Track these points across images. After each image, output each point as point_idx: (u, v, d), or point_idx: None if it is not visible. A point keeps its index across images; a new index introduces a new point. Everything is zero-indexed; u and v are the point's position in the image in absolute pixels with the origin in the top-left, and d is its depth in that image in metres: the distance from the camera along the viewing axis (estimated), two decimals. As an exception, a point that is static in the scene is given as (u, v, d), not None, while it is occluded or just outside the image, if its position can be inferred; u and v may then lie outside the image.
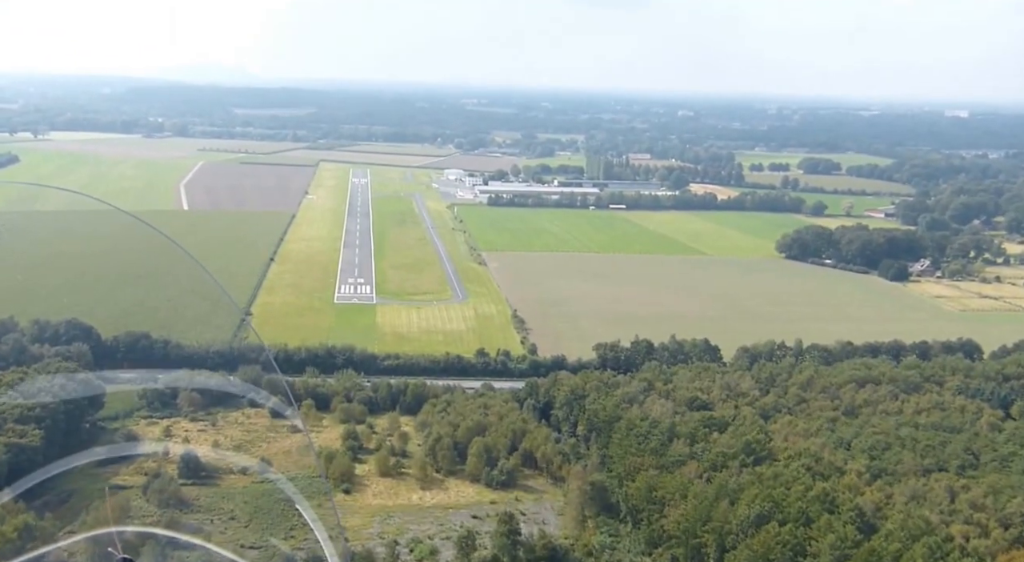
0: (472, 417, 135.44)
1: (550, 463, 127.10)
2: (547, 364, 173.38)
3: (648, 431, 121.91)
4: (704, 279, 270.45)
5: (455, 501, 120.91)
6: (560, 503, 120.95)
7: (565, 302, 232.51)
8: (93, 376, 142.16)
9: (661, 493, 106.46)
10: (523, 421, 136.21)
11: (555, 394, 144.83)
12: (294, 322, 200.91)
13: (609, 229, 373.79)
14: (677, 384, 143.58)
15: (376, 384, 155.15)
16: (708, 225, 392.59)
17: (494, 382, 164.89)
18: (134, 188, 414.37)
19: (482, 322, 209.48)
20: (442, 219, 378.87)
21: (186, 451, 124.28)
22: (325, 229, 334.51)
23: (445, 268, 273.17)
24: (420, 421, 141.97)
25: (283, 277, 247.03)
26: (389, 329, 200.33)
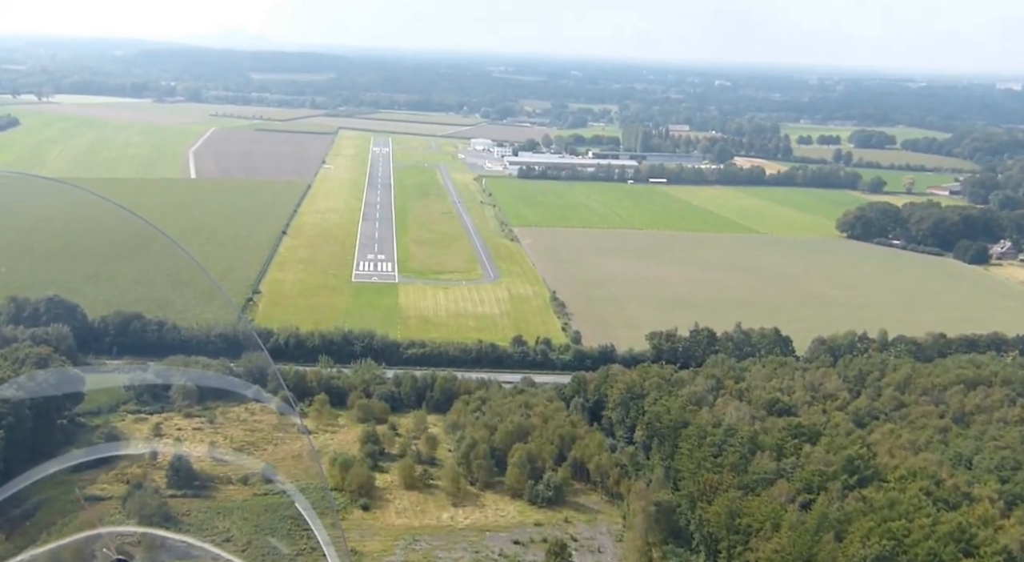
0: (512, 418, 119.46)
1: (605, 476, 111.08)
2: (594, 355, 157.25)
3: (724, 441, 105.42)
4: (760, 260, 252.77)
5: (493, 522, 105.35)
6: (618, 526, 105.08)
7: (609, 283, 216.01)
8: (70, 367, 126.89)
9: (747, 521, 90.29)
10: (572, 424, 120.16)
11: (607, 392, 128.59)
12: (307, 302, 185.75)
13: (650, 204, 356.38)
14: (751, 383, 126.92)
15: (399, 377, 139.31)
16: (757, 201, 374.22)
17: (534, 375, 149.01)
18: (140, 155, 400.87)
19: (517, 305, 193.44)
20: (469, 192, 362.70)
21: (177, 455, 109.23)
22: (343, 201, 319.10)
23: (474, 244, 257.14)
24: (450, 422, 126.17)
25: (296, 252, 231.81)
26: (413, 312, 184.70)
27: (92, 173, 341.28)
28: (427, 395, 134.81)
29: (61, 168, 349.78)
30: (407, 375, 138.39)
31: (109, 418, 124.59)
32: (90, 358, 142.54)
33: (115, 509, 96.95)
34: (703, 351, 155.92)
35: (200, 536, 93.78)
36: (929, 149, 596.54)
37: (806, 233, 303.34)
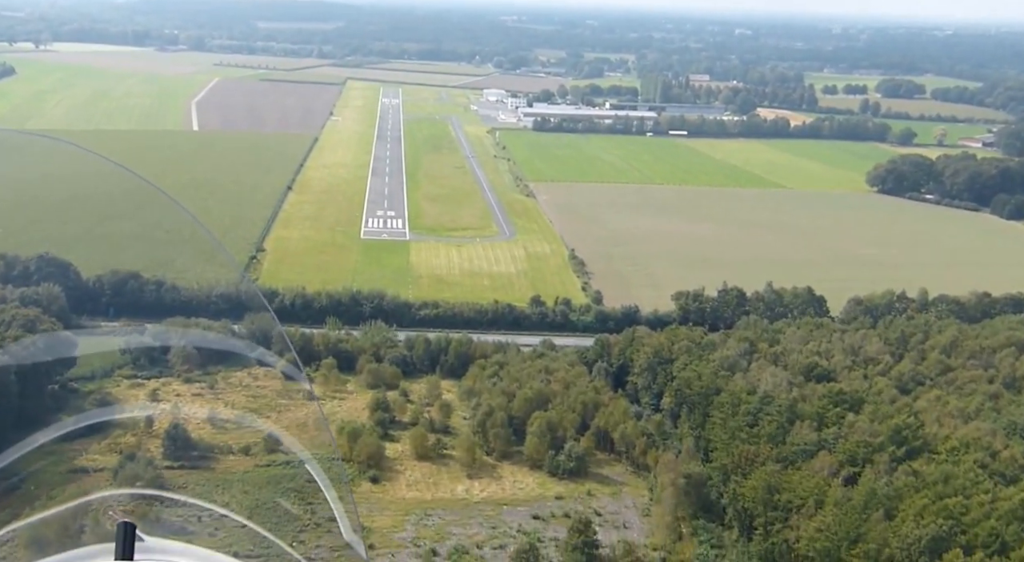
0: (531, 385, 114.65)
1: (631, 446, 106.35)
2: (616, 317, 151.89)
3: (759, 409, 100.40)
4: (788, 216, 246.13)
5: (511, 495, 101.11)
6: (645, 500, 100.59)
7: (630, 241, 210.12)
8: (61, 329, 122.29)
9: (786, 497, 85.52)
10: (595, 391, 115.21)
11: (632, 356, 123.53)
12: (314, 261, 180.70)
13: (671, 158, 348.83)
14: (786, 346, 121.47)
15: (411, 339, 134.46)
16: (782, 155, 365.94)
17: (554, 338, 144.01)
18: (140, 105, 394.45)
19: (535, 264, 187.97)
20: (482, 145, 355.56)
21: (174, 423, 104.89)
22: (351, 154, 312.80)
23: (488, 200, 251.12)
24: (465, 388, 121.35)
25: (302, 208, 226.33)
26: (425, 271, 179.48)
27: (92, 125, 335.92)
28: (441, 359, 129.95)
29: (59, 119, 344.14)
30: (419, 338, 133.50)
31: (103, 384, 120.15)
32: (84, 320, 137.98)
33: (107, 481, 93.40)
34: (732, 312, 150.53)
35: (211, 501, 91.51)
36: (960, 99, 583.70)
37: (835, 188, 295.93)
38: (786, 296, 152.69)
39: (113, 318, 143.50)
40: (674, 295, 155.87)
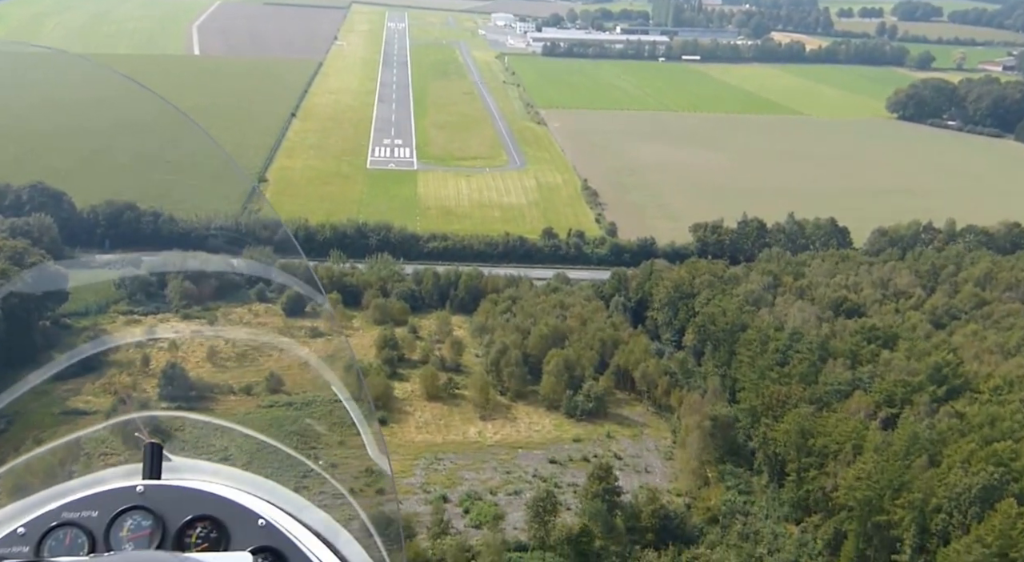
0: (546, 321, 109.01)
1: (652, 386, 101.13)
2: (632, 249, 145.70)
3: (789, 346, 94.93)
4: (807, 145, 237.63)
5: (526, 437, 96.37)
6: (667, 443, 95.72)
7: (644, 171, 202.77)
8: (51, 262, 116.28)
9: (822, 441, 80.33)
10: (613, 327, 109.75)
11: (652, 290, 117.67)
12: (317, 191, 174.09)
13: (684, 84, 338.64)
14: (812, 279, 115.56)
15: (419, 273, 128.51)
16: (798, 80, 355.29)
17: (567, 271, 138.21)
18: (140, 30, 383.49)
19: (546, 194, 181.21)
20: (491, 71, 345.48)
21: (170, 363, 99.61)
22: (356, 80, 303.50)
23: (498, 128, 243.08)
24: (477, 324, 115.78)
25: (306, 136, 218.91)
26: (433, 202, 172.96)
27: (90, 49, 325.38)
28: (451, 294, 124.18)
29: (58, 42, 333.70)
30: (428, 272, 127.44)
31: (97, 319, 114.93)
32: (77, 252, 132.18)
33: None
34: (752, 244, 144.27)
35: (242, 422, 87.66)
36: (979, 21, 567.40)
37: (853, 114, 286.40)
38: (808, 227, 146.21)
39: (108, 251, 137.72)
40: (692, 227, 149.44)
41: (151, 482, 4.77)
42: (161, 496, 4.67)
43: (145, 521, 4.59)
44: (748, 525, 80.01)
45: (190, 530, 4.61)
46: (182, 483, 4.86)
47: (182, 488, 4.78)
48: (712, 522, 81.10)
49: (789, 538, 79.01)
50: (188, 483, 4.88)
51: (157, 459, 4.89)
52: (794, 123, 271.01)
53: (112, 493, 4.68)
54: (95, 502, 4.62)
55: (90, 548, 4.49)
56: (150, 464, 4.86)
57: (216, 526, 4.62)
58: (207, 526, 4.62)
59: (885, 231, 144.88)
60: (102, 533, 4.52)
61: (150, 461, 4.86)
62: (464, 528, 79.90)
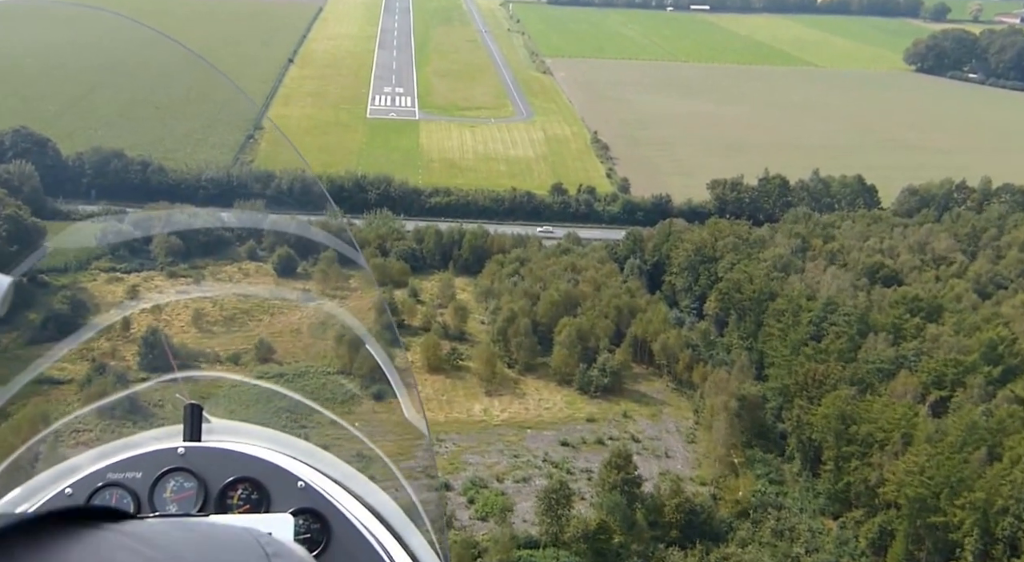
0: (557, 285, 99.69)
1: (673, 359, 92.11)
2: (646, 207, 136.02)
3: (823, 318, 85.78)
4: (823, 97, 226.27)
5: (535, 415, 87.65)
6: (689, 423, 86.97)
7: (655, 123, 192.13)
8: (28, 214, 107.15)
9: (865, 429, 71.37)
10: (629, 293, 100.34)
11: (670, 253, 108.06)
12: (315, 141, 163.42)
13: (694, 34, 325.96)
14: (843, 242, 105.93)
15: (420, 231, 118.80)
16: (810, 31, 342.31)
17: (577, 229, 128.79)
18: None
19: (554, 147, 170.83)
20: (495, 18, 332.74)
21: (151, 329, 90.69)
22: (356, 26, 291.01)
23: (502, 76, 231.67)
24: (483, 288, 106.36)
25: (303, 84, 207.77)
26: (436, 154, 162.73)
27: None
28: (454, 253, 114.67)
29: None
30: (430, 229, 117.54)
31: (77, 277, 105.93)
32: (60, 203, 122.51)
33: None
34: (774, 203, 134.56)
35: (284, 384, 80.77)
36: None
37: (869, 66, 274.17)
38: (834, 185, 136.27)
39: (93, 202, 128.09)
40: (710, 184, 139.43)
41: (192, 444, 4.73)
42: (202, 458, 4.66)
43: (188, 483, 4.59)
44: (782, 520, 71.49)
45: (231, 492, 4.59)
46: (222, 445, 4.82)
47: (222, 450, 4.74)
48: (742, 516, 72.57)
49: (827, 535, 70.60)
50: (228, 445, 4.84)
51: (197, 421, 4.84)
52: (809, 74, 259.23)
53: (154, 455, 4.65)
54: (138, 463, 4.60)
55: (136, 508, 4.50)
56: (190, 426, 4.81)
57: (257, 488, 4.59)
58: (248, 488, 4.59)
59: (915, 190, 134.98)
60: (146, 494, 4.53)
61: (190, 423, 4.81)
62: (469, 521, 71.44)
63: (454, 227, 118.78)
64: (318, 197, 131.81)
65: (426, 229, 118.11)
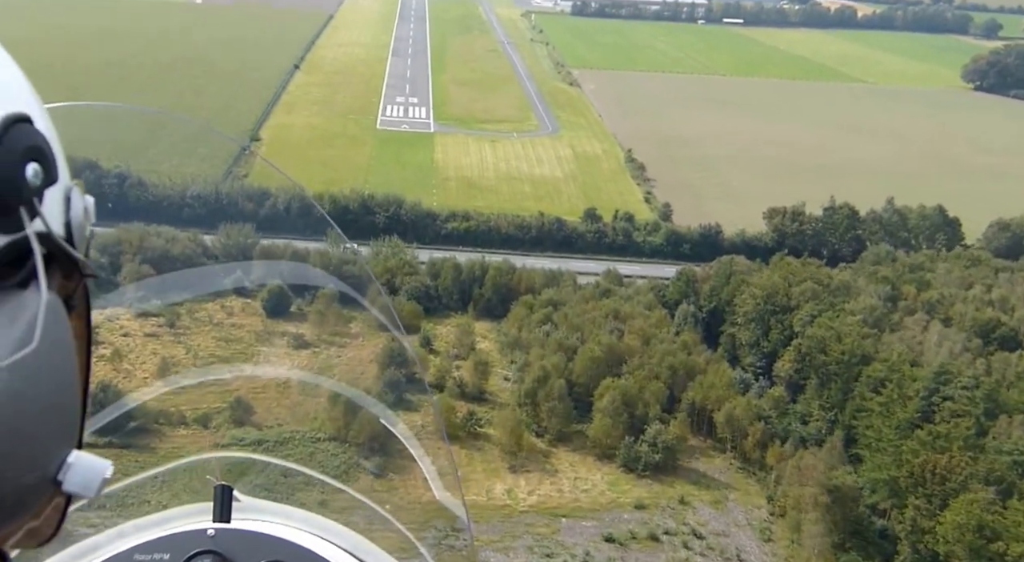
0: (597, 337, 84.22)
1: (740, 433, 76.53)
2: (693, 238, 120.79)
3: (935, 390, 70.00)
4: (878, 115, 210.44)
5: (572, 500, 72.42)
6: (762, 513, 71.31)
7: (695, 141, 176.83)
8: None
9: (1018, 548, 55.44)
10: (685, 348, 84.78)
11: (732, 298, 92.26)
12: (318, 155, 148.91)
13: (729, 48, 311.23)
14: (943, 291, 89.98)
15: (436, 264, 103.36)
16: (853, 46, 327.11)
17: (615, 262, 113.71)
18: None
19: (585, 166, 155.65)
20: (516, 28, 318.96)
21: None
22: (369, 34, 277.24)
23: (525, 88, 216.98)
24: (508, 338, 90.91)
25: (309, 91, 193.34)
26: (453, 171, 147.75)
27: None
28: (474, 292, 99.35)
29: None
30: (447, 264, 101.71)
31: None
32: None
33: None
34: (841, 237, 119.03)
35: (315, 467, 68.37)
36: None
37: (922, 83, 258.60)
38: (911, 217, 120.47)
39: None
40: (767, 213, 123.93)
41: (222, 525, 4.65)
42: (233, 540, 4.55)
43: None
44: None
45: None
46: (253, 527, 4.76)
47: (254, 533, 4.67)
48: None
49: None
50: (259, 527, 4.77)
51: (227, 501, 4.76)
52: (858, 91, 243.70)
53: (183, 536, 4.56)
54: (167, 545, 4.50)
55: None
56: (220, 506, 4.72)
57: None
58: None
59: (1006, 224, 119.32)
60: None
61: (220, 503, 4.73)
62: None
63: (475, 261, 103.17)
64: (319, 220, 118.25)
65: (442, 262, 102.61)
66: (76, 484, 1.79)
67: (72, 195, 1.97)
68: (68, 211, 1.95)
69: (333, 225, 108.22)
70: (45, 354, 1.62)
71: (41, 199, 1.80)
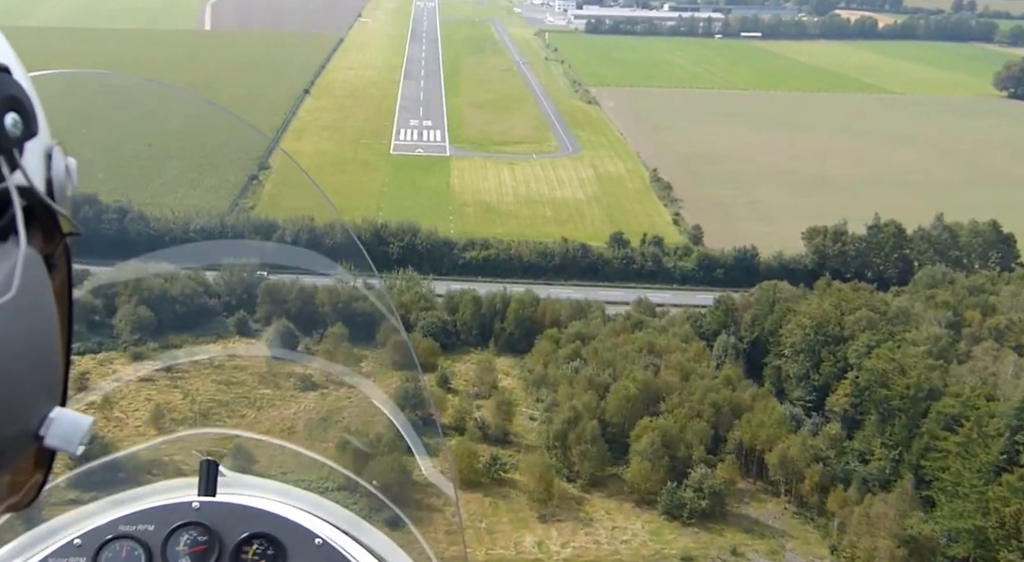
0: (631, 373, 77.45)
1: (794, 473, 69.54)
2: (727, 263, 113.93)
3: (1017, 428, 62.84)
4: (908, 126, 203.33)
5: (611, 552, 66.15)
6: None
7: (721, 158, 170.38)
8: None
9: None
10: (728, 384, 77.91)
11: (777, 328, 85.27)
12: (329, 181, 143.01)
13: (747, 62, 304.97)
14: (1010, 316, 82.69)
15: (453, 297, 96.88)
16: (875, 56, 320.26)
17: (644, 290, 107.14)
18: (149, 7, 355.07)
19: (608, 187, 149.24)
20: (530, 47, 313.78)
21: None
22: (381, 56, 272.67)
23: (543, 107, 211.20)
24: (533, 374, 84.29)
25: (319, 116, 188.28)
26: (470, 196, 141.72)
27: (90, 24, 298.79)
28: (495, 325, 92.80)
29: (57, 18, 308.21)
30: (466, 297, 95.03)
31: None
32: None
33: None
34: (887, 257, 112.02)
35: (301, 443, 67.16)
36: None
37: (951, 92, 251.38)
38: (963, 235, 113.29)
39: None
40: (806, 233, 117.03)
41: (207, 498, 4.76)
42: (217, 512, 4.67)
43: (201, 537, 4.58)
44: None
45: (247, 547, 4.58)
46: (237, 500, 4.87)
47: (238, 505, 4.79)
48: None
49: None
50: (243, 500, 4.88)
51: (213, 476, 4.86)
52: (884, 101, 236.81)
53: (168, 508, 4.68)
54: (151, 516, 4.63)
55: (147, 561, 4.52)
56: (206, 480, 4.82)
57: (273, 544, 4.60)
58: (264, 544, 4.60)
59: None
60: (159, 547, 4.52)
61: (206, 477, 4.83)
62: None
63: (496, 293, 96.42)
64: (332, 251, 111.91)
65: (461, 295, 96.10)
66: (58, 438, 1.78)
67: (53, 153, 1.93)
68: (49, 169, 1.91)
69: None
70: (24, 305, 1.61)
71: (21, 152, 1.76)
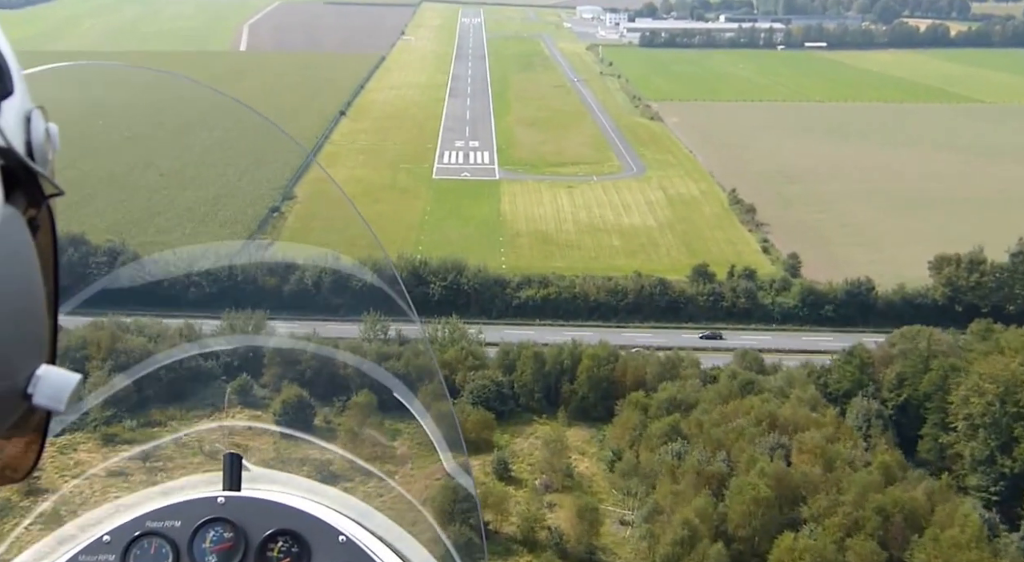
0: (754, 457, 57.88)
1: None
2: (836, 297, 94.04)
3: None
4: (1005, 137, 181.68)
5: None
6: None
7: (804, 175, 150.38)
8: None
9: None
10: (884, 471, 57.92)
11: (939, 390, 64.99)
12: (364, 211, 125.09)
13: (817, 72, 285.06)
14: None
15: (509, 352, 77.72)
16: (952, 65, 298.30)
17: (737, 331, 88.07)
18: (188, 28, 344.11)
19: (682, 212, 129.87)
20: (583, 62, 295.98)
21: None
22: (424, 74, 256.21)
23: (601, 124, 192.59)
24: (622, 461, 64.83)
25: (356, 139, 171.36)
26: (524, 225, 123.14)
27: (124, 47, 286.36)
28: (563, 387, 73.70)
29: (90, 43, 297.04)
30: (525, 352, 75.65)
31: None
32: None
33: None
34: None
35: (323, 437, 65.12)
36: None
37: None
38: None
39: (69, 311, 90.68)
40: (933, 262, 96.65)
41: (232, 493, 4.75)
42: (242, 508, 4.66)
43: (227, 533, 4.59)
44: None
45: (272, 543, 4.59)
46: (262, 495, 4.86)
47: (263, 501, 4.77)
48: None
49: None
50: (268, 495, 4.87)
51: (237, 470, 4.85)
52: (975, 112, 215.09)
53: (194, 503, 4.67)
54: (177, 512, 4.61)
55: (174, 558, 4.53)
56: (230, 475, 4.82)
57: (297, 541, 4.59)
58: (289, 540, 4.59)
59: None
60: (185, 544, 4.52)
61: (230, 472, 4.82)
62: None
63: (564, 347, 77.13)
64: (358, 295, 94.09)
65: (519, 352, 76.62)
66: (46, 396, 1.78)
67: (33, 116, 1.91)
68: (29, 132, 1.89)
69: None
70: (6, 261, 1.61)
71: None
